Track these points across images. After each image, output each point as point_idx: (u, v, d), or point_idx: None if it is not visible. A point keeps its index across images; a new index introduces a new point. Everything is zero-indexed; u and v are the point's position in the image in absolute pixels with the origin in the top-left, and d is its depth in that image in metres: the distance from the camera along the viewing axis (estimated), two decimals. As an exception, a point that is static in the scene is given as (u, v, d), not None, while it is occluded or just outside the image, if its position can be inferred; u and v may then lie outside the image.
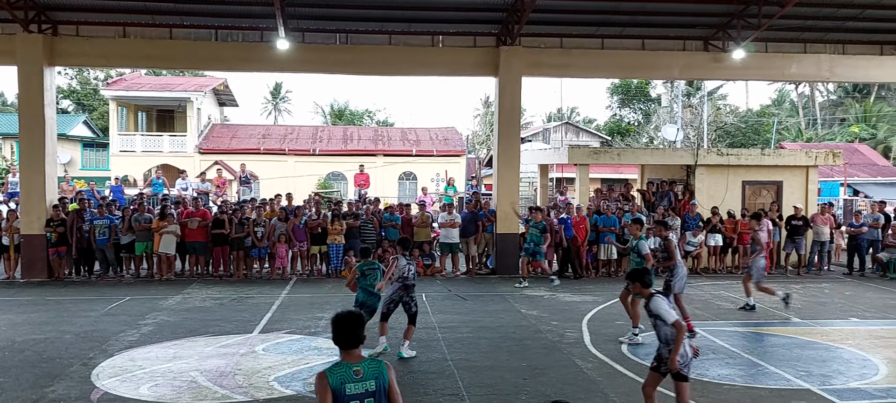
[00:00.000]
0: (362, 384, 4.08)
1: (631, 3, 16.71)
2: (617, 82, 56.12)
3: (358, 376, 4.09)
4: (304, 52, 17.55)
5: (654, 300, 6.54)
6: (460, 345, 10.26)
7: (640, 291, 6.79)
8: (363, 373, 4.10)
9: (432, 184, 32.86)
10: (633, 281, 6.94)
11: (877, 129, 48.21)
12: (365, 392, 4.07)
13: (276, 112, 70.19)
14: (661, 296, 6.61)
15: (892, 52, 19.06)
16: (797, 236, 17.65)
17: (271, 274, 16.51)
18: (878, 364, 9.41)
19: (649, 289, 6.69)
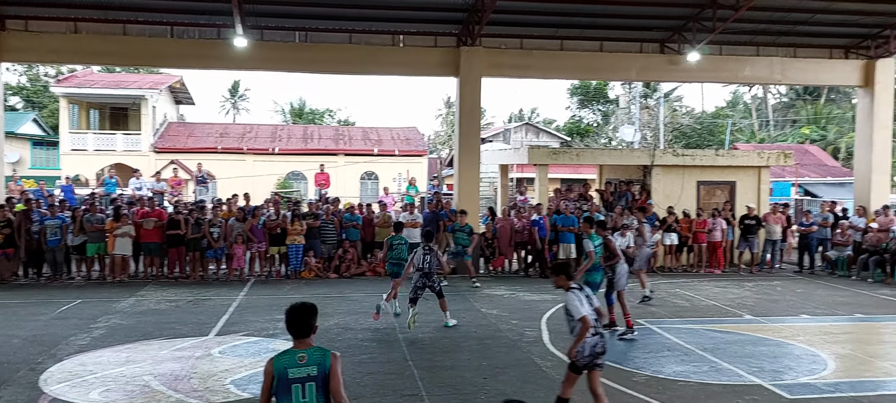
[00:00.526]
0: (304, 369, 4.37)
1: (589, 5, 16.89)
2: (576, 83, 56.70)
3: (302, 361, 4.39)
4: (263, 49, 17.34)
5: (568, 294, 6.79)
6: (421, 345, 10.25)
7: (561, 284, 6.93)
8: (307, 359, 4.40)
9: (394, 183, 32.77)
10: (557, 274, 7.08)
11: (827, 131, 49.60)
12: (306, 376, 4.36)
13: (234, 110, 69.21)
14: (576, 293, 6.79)
15: (841, 55, 19.64)
16: (750, 235, 18.06)
17: (228, 276, 16.27)
18: (827, 359, 9.67)
19: (569, 283, 6.88)
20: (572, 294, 6.78)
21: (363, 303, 13.29)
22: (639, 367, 9.21)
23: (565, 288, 6.86)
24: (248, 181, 31.10)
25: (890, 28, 18.64)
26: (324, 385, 4.38)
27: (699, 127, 52.81)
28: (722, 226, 18.08)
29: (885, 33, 18.84)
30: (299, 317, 4.51)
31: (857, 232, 17.87)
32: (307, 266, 16.33)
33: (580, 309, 6.66)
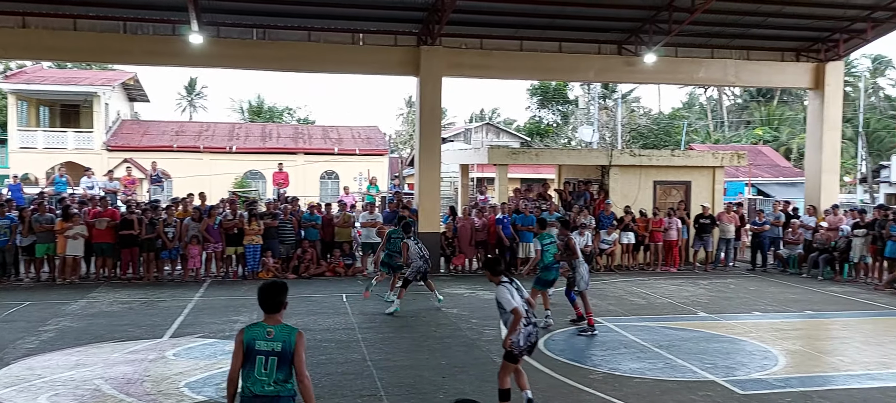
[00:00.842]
0: (271, 343, 4.71)
1: (548, 6, 17.02)
2: (536, 84, 57.15)
3: (270, 336, 4.73)
4: (220, 46, 17.07)
5: (499, 288, 7.12)
6: (381, 345, 10.20)
7: (492, 279, 7.26)
8: (274, 335, 4.74)
9: (355, 183, 32.60)
10: (485, 270, 7.55)
11: (779, 132, 50.92)
12: (271, 351, 4.69)
13: (191, 108, 68.14)
14: (506, 286, 7.09)
15: (792, 58, 20.15)
16: (705, 234, 18.41)
17: (184, 277, 15.98)
18: (778, 355, 9.90)
19: (499, 278, 7.18)
20: (503, 287, 7.08)
21: (322, 304, 13.20)
22: (596, 364, 9.30)
23: (496, 282, 7.16)
24: (204, 180, 30.63)
25: (839, 32, 19.18)
26: (286, 361, 4.71)
27: (656, 127, 53.68)
28: (677, 225, 18.41)
29: (835, 37, 19.38)
30: (271, 294, 4.86)
31: (808, 231, 18.34)
32: (265, 266, 16.13)
33: (511, 301, 6.96)
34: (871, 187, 36.06)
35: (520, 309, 6.97)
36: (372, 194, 23.23)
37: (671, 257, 18.44)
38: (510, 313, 6.98)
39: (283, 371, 4.72)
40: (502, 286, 7.10)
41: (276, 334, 4.74)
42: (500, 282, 7.14)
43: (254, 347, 4.71)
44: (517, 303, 6.97)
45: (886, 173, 31.91)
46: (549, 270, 11.34)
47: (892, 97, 54.97)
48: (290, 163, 29.68)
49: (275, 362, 4.69)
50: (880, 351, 10.21)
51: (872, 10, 17.91)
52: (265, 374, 4.69)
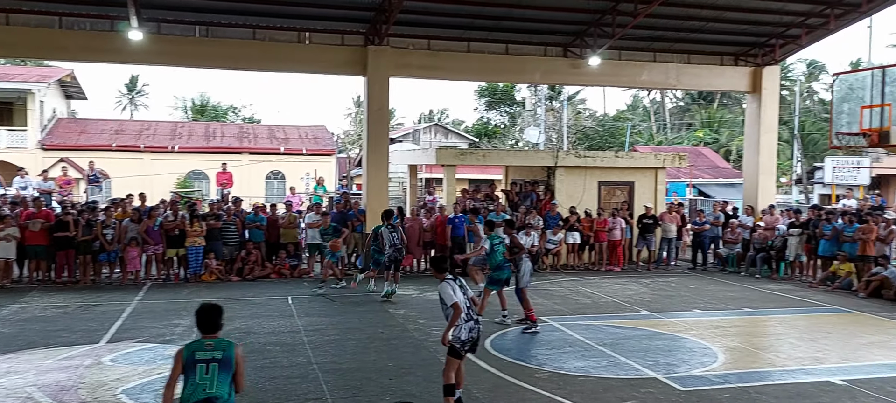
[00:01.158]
0: (211, 353, 5.12)
1: (495, 7, 17.12)
2: (484, 85, 57.47)
3: (209, 348, 5.15)
4: (160, 43, 16.66)
5: (441, 284, 7.36)
6: (327, 348, 10.09)
7: (437, 275, 7.53)
8: (213, 346, 5.16)
9: (302, 183, 32.21)
10: (431, 267, 7.95)
11: (719, 134, 52.33)
12: (212, 359, 5.10)
13: (131, 106, 66.29)
14: (449, 283, 7.33)
15: (731, 62, 20.73)
16: (648, 233, 18.79)
17: (122, 280, 15.51)
18: (717, 352, 10.16)
19: (443, 274, 7.45)
20: (446, 283, 7.32)
21: (267, 307, 12.99)
22: (541, 364, 9.39)
23: (441, 278, 7.41)
24: (145, 180, 29.84)
25: (776, 37, 19.81)
26: (226, 367, 5.11)
27: (601, 129, 54.63)
28: (621, 225, 18.74)
29: (772, 42, 20.02)
30: (208, 316, 5.28)
31: (746, 231, 18.88)
32: (208, 268, 15.79)
33: (452, 296, 7.19)
34: (806, 188, 37.34)
35: (460, 303, 7.17)
36: (319, 195, 22.99)
37: (615, 256, 18.76)
38: (450, 307, 7.18)
39: (224, 376, 5.10)
40: (446, 282, 7.33)
41: (216, 345, 5.18)
42: (444, 279, 7.37)
43: (194, 357, 5.10)
44: (458, 299, 7.18)
45: (820, 174, 33.11)
46: (501, 269, 11.46)
47: (826, 101, 57.09)
48: (234, 163, 29.15)
49: (216, 368, 5.09)
50: (814, 347, 10.57)
51: (806, 16, 18.56)
52: (207, 378, 5.05)
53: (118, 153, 33.96)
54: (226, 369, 5.09)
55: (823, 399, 8.12)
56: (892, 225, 16.08)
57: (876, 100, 11.57)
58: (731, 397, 8.14)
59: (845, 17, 18.21)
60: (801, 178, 38.53)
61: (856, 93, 12.79)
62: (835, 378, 8.88)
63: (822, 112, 53.57)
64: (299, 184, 30.96)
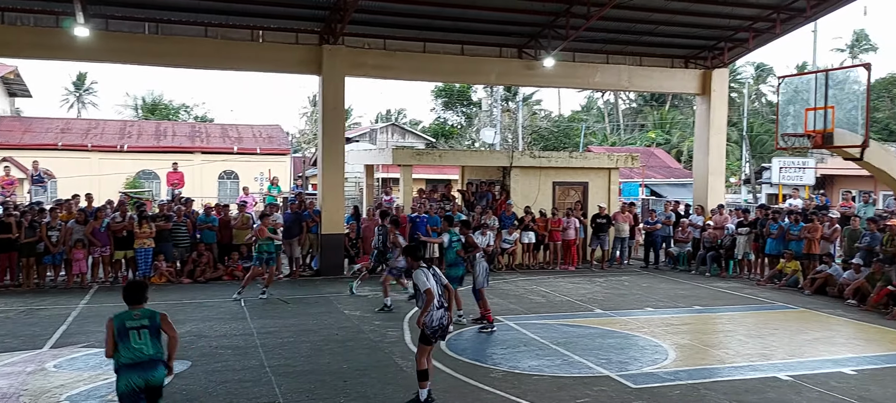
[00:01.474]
0: (140, 321, 5.96)
1: (450, 8, 17.12)
2: (440, 85, 57.52)
3: (137, 317, 5.98)
4: (108, 40, 16.22)
5: (416, 271, 7.73)
6: (280, 350, 9.96)
7: (412, 264, 7.92)
8: (140, 316, 6.00)
9: (256, 183, 31.77)
10: (406, 255, 8.23)
11: (671, 135, 53.38)
12: (141, 325, 5.94)
13: (79, 104, 64.50)
14: (423, 270, 7.70)
15: (681, 65, 21.13)
16: (601, 233, 19.03)
17: (68, 283, 15.08)
18: (668, 349, 10.35)
19: (418, 263, 7.81)
20: (420, 271, 7.68)
21: (219, 309, 12.77)
22: (496, 363, 9.43)
23: (416, 266, 7.78)
24: (92, 180, 29.05)
25: (724, 41, 20.25)
26: (155, 332, 5.99)
27: (556, 130, 55.16)
28: (575, 225, 18.96)
29: (720, 45, 20.46)
30: (133, 290, 6.14)
31: (697, 230, 19.26)
32: (157, 271, 15.46)
33: (426, 283, 7.54)
34: (754, 188, 38.32)
35: (433, 290, 7.50)
36: (273, 195, 22.72)
37: (569, 256, 18.97)
38: (423, 293, 7.52)
39: (154, 338, 5.98)
40: (420, 270, 7.67)
41: (142, 314, 6.00)
42: (419, 266, 7.72)
43: (125, 325, 5.91)
44: (431, 285, 7.52)
45: (768, 175, 33.98)
46: (456, 266, 11.63)
47: (774, 103, 58.64)
48: (186, 163, 28.59)
49: (147, 333, 5.95)
50: (761, 343, 10.84)
51: (754, 20, 19.02)
52: (141, 342, 5.90)
53: (64, 152, 32.95)
54: (155, 334, 5.99)
55: (770, 394, 8.33)
56: (835, 224, 16.61)
57: (819, 102, 11.92)
58: (681, 394, 8.29)
59: (791, 21, 18.72)
60: (749, 178, 39.54)
61: (801, 96, 13.15)
62: (781, 373, 9.12)
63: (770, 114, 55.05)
64: (253, 184, 30.55)
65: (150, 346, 5.92)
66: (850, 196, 20.70)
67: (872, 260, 14.53)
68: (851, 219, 16.76)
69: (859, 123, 11.71)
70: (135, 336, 5.87)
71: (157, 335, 5.99)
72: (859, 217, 16.83)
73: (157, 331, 5.99)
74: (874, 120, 42.43)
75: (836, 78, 12.17)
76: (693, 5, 17.68)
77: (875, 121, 42.94)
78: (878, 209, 19.69)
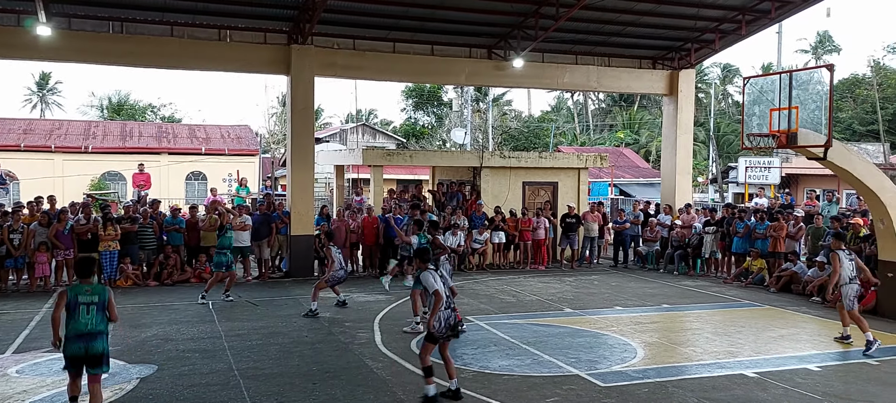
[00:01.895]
0: (90, 296, 6.76)
1: (420, 8, 17.10)
2: (411, 86, 57.44)
3: (88, 292, 6.79)
4: (71, 39, 15.93)
5: (424, 273, 8.01)
6: (249, 353, 9.85)
7: (420, 266, 8.32)
8: (91, 291, 6.81)
9: (224, 184, 31.42)
10: (416, 257, 8.59)
11: (639, 135, 53.93)
12: (91, 301, 6.74)
13: (42, 104, 63.18)
14: (431, 272, 7.95)
15: (649, 66, 21.36)
16: (571, 232, 19.16)
17: (31, 286, 14.76)
18: (637, 347, 10.44)
19: (426, 264, 8.17)
20: (428, 272, 7.94)
21: (186, 312, 12.59)
22: (467, 363, 9.42)
23: (424, 268, 8.09)
24: (57, 182, 28.50)
25: (691, 42, 20.52)
26: (102, 308, 6.78)
27: (526, 130, 55.41)
28: (545, 225, 19.06)
29: (687, 46, 20.72)
30: (84, 265, 7.10)
31: (665, 229, 19.48)
32: (123, 274, 15.20)
33: (434, 285, 7.76)
34: (721, 187, 38.86)
35: (441, 291, 7.73)
36: (242, 196, 22.46)
37: (540, 255, 19.07)
38: (432, 295, 7.76)
39: (101, 315, 6.78)
40: (428, 271, 7.94)
41: (93, 290, 6.81)
42: (426, 268, 8.03)
43: (77, 300, 6.71)
44: (438, 286, 7.75)
45: (734, 174, 34.48)
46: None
47: (740, 103, 59.55)
48: (153, 164, 28.20)
49: (95, 309, 6.76)
50: (728, 341, 11.00)
51: (720, 22, 19.30)
52: (87, 318, 6.70)
53: (27, 153, 32.27)
54: (101, 310, 6.78)
55: (737, 391, 8.44)
56: (800, 223, 16.91)
57: (784, 103, 12.08)
58: (649, 391, 8.37)
59: (756, 22, 19.03)
60: (716, 178, 40.08)
61: (766, 96, 13.32)
62: (747, 370, 9.26)
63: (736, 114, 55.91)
64: (221, 185, 30.21)
65: (95, 322, 6.75)
66: (814, 195, 21.03)
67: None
68: (815, 218, 17.10)
69: (823, 123, 11.90)
70: (83, 311, 6.70)
71: (102, 310, 6.81)
72: (823, 215, 17.17)
73: (104, 307, 6.81)
74: (837, 120, 43.32)
75: (801, 79, 12.34)
76: (660, 7, 17.89)
77: (838, 121, 43.85)
78: (842, 207, 20.09)
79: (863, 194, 13.81)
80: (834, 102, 12.75)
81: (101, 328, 6.78)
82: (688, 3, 17.94)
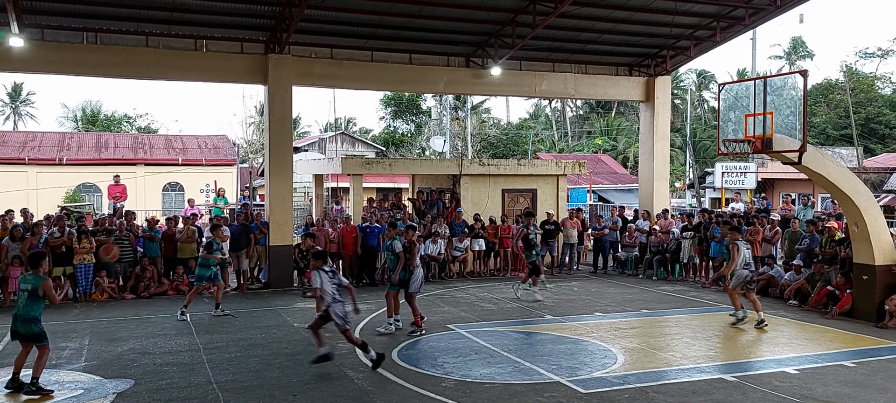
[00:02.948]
0: (24, 285, 8.44)
1: (397, 17, 17.09)
2: (390, 94, 57.41)
3: (26, 282, 8.41)
4: (45, 50, 15.70)
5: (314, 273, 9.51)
6: (227, 366, 9.75)
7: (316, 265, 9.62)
8: (29, 281, 8.42)
9: (202, 194, 31.12)
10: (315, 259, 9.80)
11: (617, 141, 54.34)
12: (24, 289, 8.37)
13: (15, 116, 62.28)
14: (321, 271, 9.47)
15: (625, 73, 21.52)
16: (550, 239, 19.20)
17: (5, 302, 14.46)
18: (617, 353, 10.48)
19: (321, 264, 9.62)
20: (317, 272, 9.48)
21: (163, 325, 12.43)
22: (448, 372, 9.40)
23: (318, 268, 9.52)
24: (30, 194, 28.06)
25: (666, 49, 20.71)
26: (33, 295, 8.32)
27: (505, 137, 55.58)
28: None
29: (663, 53, 20.91)
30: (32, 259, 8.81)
31: (643, 235, 19.60)
32: (99, 287, 14.98)
33: (315, 282, 9.46)
34: (698, 192, 39.23)
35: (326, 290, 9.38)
36: (220, 206, 22.27)
37: (520, 262, 19.06)
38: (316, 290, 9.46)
39: (30, 301, 8.33)
40: (318, 271, 9.45)
41: (28, 280, 8.43)
42: (320, 268, 9.49)
43: (19, 287, 8.54)
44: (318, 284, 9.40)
45: (711, 179, 34.82)
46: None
47: (715, 109, 60.23)
48: (129, 175, 27.85)
49: (25, 295, 8.33)
50: (707, 345, 11.07)
51: (695, 29, 19.51)
52: (20, 303, 8.42)
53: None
54: (32, 297, 8.27)
55: (716, 395, 8.50)
56: (776, 227, 17.09)
57: (759, 108, 12.22)
58: (629, 397, 8.39)
59: (730, 29, 19.26)
60: (693, 183, 40.46)
61: (741, 102, 13.46)
62: (727, 375, 9.33)
63: (712, 120, 56.54)
64: (199, 196, 29.93)
65: (22, 307, 8.31)
66: (790, 199, 21.27)
67: (813, 261, 15.02)
68: (790, 221, 17.29)
69: (797, 128, 12.03)
70: (21, 297, 8.36)
71: (34, 297, 8.24)
72: (798, 219, 17.37)
73: (36, 295, 8.24)
74: (811, 124, 44.01)
75: (775, 84, 12.50)
76: (636, 14, 18.04)
77: (812, 125, 44.52)
78: (817, 211, 20.35)
79: (837, 198, 14.01)
80: (808, 107, 12.94)
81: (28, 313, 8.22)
82: (663, 11, 18.11)
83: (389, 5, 16.35)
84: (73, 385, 8.81)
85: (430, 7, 16.63)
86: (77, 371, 9.51)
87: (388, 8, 16.49)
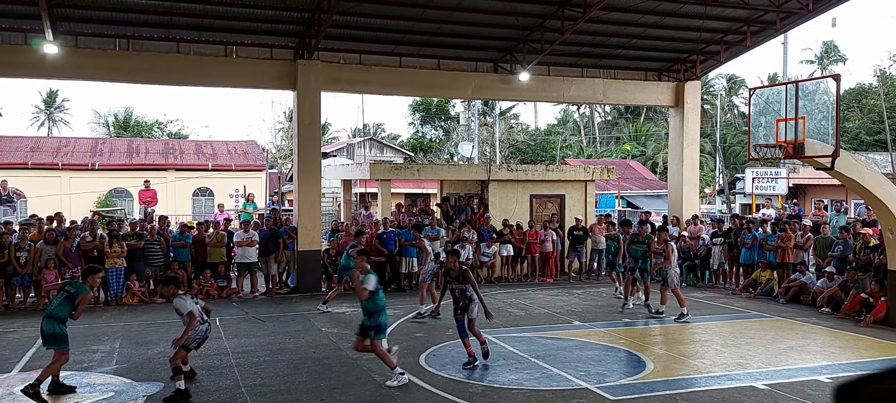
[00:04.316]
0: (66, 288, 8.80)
1: (426, 23, 17.14)
2: (418, 100, 57.58)
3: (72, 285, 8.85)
4: (79, 57, 16.00)
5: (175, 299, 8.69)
6: (256, 370, 9.81)
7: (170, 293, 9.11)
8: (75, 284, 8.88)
9: (231, 200, 31.47)
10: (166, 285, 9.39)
11: (646, 147, 53.85)
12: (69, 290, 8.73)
13: (50, 122, 63.55)
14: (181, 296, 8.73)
15: (654, 78, 21.33)
16: (578, 245, 19.08)
17: (38, 305, 14.74)
18: (647, 360, 10.36)
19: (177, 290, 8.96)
20: (178, 298, 8.68)
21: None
22: (475, 378, 9.37)
23: (173, 295, 8.78)
24: (64, 199, 28.61)
25: (696, 53, 20.50)
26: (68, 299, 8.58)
27: (533, 143, 55.41)
28: (553, 237, 18.99)
29: (692, 58, 20.70)
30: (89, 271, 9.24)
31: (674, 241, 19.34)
32: (130, 291, 15.20)
33: (187, 307, 8.54)
34: (728, 198, 38.72)
35: (195, 311, 8.55)
36: (249, 212, 22.49)
37: (548, 268, 18.98)
38: (186, 316, 8.46)
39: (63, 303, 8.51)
40: (178, 297, 8.69)
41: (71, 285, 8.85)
42: (177, 294, 8.75)
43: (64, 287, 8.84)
44: (191, 307, 8.57)
45: (741, 185, 34.35)
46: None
47: (746, 114, 59.45)
48: (159, 180, 28.28)
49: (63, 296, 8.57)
50: (737, 353, 10.90)
51: (725, 33, 19.28)
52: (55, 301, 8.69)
53: (34, 171, 32.44)
54: (70, 301, 8.51)
55: (747, 403, 8.36)
56: (808, 233, 16.79)
57: (790, 113, 12.02)
58: (659, 404, 8.29)
59: (761, 34, 18.99)
60: (723, 189, 39.94)
61: (772, 107, 13.28)
62: (758, 382, 9.17)
63: (742, 125, 55.80)
64: (228, 201, 30.26)
65: (56, 305, 8.44)
66: (822, 205, 20.91)
67: (846, 268, 14.73)
68: (821, 227, 16.98)
69: (830, 133, 11.81)
70: (60, 296, 8.52)
71: (70, 301, 8.40)
72: (829, 225, 17.05)
73: (72, 299, 8.42)
74: (844, 130, 43.22)
75: (807, 89, 12.30)
76: (665, 19, 17.88)
77: (845, 131, 43.74)
78: (850, 217, 19.97)
79: (871, 204, 13.72)
80: (841, 112, 12.70)
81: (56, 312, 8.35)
82: (693, 16, 17.92)
83: (419, 11, 16.41)
84: (105, 388, 8.94)
85: (458, 13, 16.65)
86: (108, 373, 9.65)
87: (418, 14, 16.55)
